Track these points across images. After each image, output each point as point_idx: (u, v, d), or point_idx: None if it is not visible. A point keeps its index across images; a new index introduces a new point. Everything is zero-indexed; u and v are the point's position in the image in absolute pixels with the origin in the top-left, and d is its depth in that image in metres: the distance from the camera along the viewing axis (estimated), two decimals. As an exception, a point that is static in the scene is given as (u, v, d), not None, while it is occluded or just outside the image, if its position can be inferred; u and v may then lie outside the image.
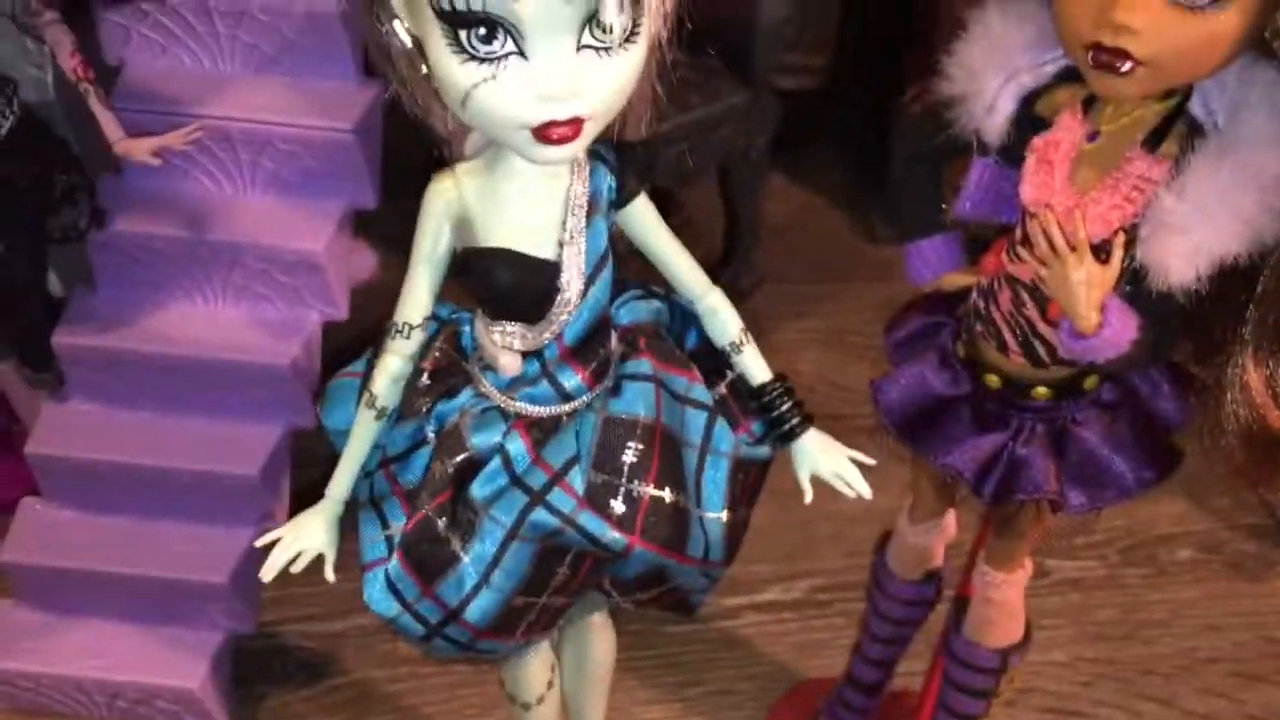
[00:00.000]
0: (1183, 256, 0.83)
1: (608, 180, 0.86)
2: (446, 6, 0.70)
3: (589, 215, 0.85)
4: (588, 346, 0.90)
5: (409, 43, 0.76)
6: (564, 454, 0.89)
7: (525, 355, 0.89)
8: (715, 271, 1.07)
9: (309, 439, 1.32)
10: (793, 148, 2.13)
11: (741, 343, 0.94)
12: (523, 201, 0.83)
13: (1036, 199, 0.91)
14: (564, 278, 0.85)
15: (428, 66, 0.76)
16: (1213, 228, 0.82)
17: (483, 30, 0.70)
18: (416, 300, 0.88)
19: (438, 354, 0.92)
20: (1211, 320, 0.89)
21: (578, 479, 0.88)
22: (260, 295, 1.36)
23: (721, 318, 0.94)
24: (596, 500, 0.88)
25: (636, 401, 0.90)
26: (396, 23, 0.75)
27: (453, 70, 0.72)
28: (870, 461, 0.95)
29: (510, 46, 0.71)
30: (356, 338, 1.40)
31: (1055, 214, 0.88)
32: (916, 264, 1.06)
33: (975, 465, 1.02)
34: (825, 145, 2.34)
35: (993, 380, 1.01)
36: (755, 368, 0.95)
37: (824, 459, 0.95)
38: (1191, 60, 0.80)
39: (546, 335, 0.88)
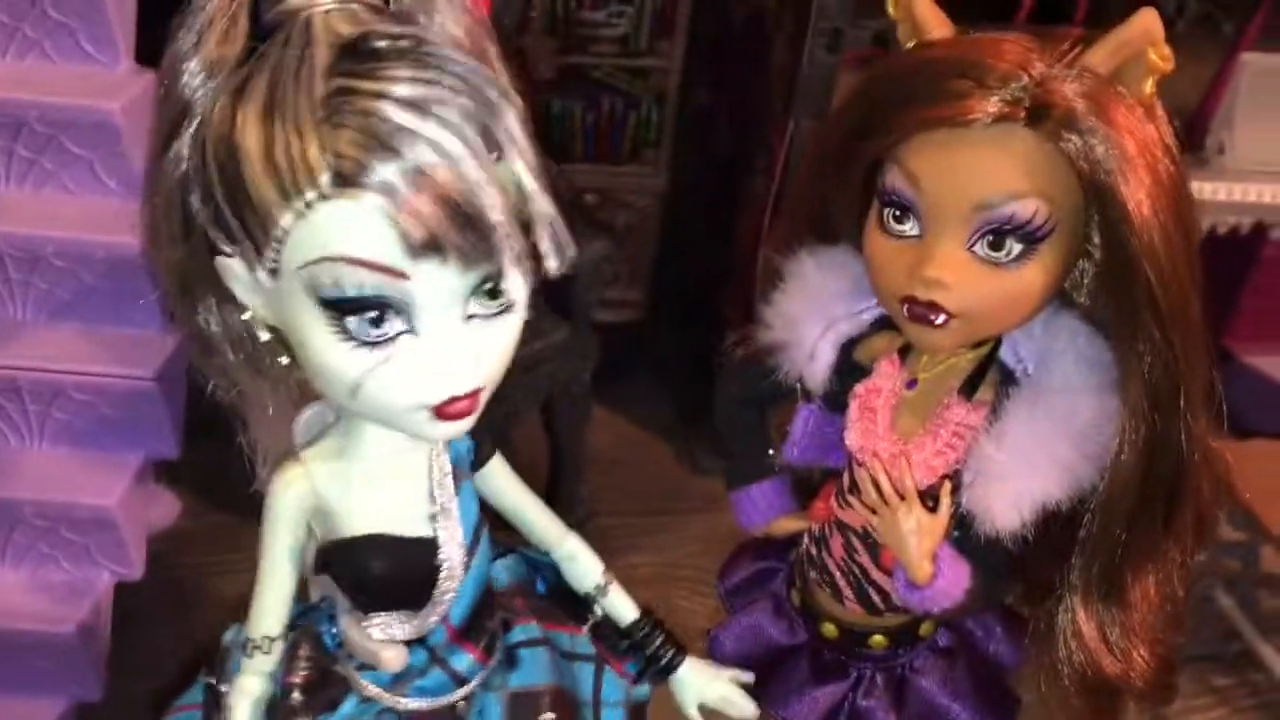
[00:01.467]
0: (1006, 502, 0.84)
1: (465, 444, 0.82)
2: (335, 295, 0.65)
3: (456, 482, 0.80)
4: (477, 621, 0.83)
5: (264, 335, 0.71)
6: None
7: (409, 644, 0.82)
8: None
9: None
10: (613, 380, 2.14)
11: (606, 584, 0.92)
12: (385, 481, 0.78)
13: (862, 446, 0.92)
14: (443, 553, 0.79)
15: (292, 358, 0.71)
16: (1033, 474, 0.83)
17: (374, 313, 0.66)
18: (274, 610, 0.79)
19: (304, 665, 0.82)
20: (1039, 562, 0.89)
21: None
22: (45, 555, 1.25)
23: (582, 562, 0.92)
24: None
25: (536, 670, 0.86)
26: (247, 315, 0.71)
27: (338, 360, 0.67)
28: (749, 677, 0.95)
29: (400, 325, 0.66)
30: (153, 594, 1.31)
31: (882, 462, 0.88)
32: (746, 510, 1.04)
33: (816, 718, 0.99)
34: (644, 376, 2.37)
35: (829, 629, 0.99)
36: (623, 607, 0.93)
37: (708, 687, 0.94)
38: (1001, 312, 0.83)
39: (433, 619, 0.81)
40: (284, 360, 0.73)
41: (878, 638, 0.98)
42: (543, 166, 0.69)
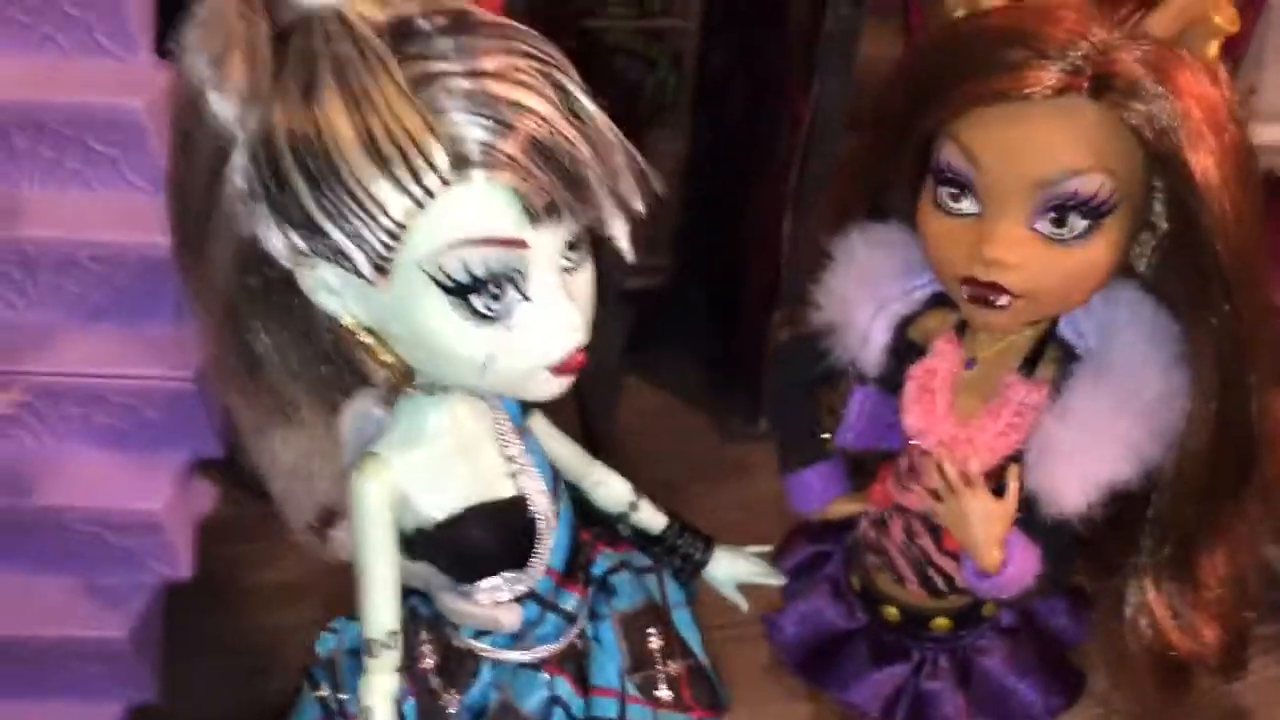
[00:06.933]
0: (1073, 483, 0.82)
1: (513, 402, 0.83)
2: (463, 279, 0.66)
3: (520, 436, 0.82)
4: (575, 562, 0.87)
5: (365, 338, 0.72)
6: (606, 675, 0.88)
7: (518, 600, 0.84)
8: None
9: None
10: (641, 348, 2.13)
11: (636, 500, 0.97)
12: (463, 454, 0.79)
13: (920, 429, 0.90)
14: (533, 506, 0.82)
15: (388, 358, 0.72)
16: (1099, 453, 0.81)
17: (495, 289, 0.67)
18: (389, 604, 0.78)
19: (428, 649, 0.86)
20: (1105, 540, 0.88)
21: (630, 687, 0.88)
22: (93, 560, 1.25)
23: (612, 484, 0.96)
24: (647, 696, 0.88)
25: (631, 593, 0.91)
26: (347, 321, 0.71)
27: (468, 342, 0.68)
28: (767, 548, 1.04)
29: (515, 294, 0.68)
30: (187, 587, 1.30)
31: (945, 447, 0.87)
32: (800, 494, 1.02)
33: (880, 701, 0.99)
34: (672, 342, 2.34)
35: (891, 613, 0.98)
36: (653, 519, 0.98)
37: (739, 568, 1.01)
38: (1066, 290, 0.81)
39: (538, 570, 0.84)
40: (385, 357, 0.73)
41: (941, 620, 0.97)
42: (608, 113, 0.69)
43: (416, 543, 0.79)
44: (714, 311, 2.35)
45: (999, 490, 0.84)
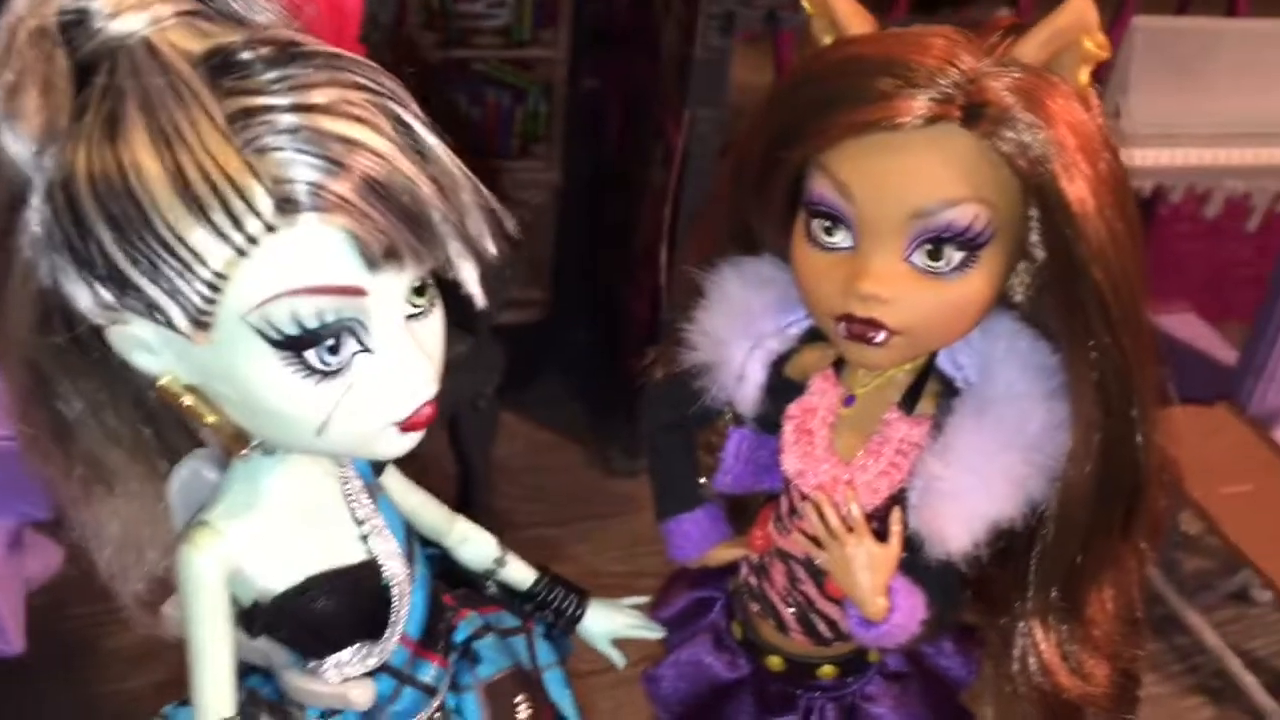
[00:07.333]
0: (958, 522, 0.79)
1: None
2: (292, 331, 0.60)
3: (372, 497, 0.76)
4: (434, 629, 0.81)
5: (187, 399, 0.65)
6: None
7: (370, 674, 0.77)
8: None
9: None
10: (519, 385, 2.07)
11: (502, 556, 0.91)
12: (307, 519, 0.72)
13: (799, 470, 0.86)
14: (386, 571, 0.75)
15: (214, 419, 0.66)
16: (984, 492, 0.78)
17: (332, 340, 0.61)
18: (223, 687, 0.71)
19: None
20: (992, 578, 0.85)
21: None
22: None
23: (476, 540, 0.90)
24: None
25: (497, 659, 0.85)
26: (164, 381, 0.64)
27: (301, 400, 0.62)
28: (644, 599, 1.01)
29: (355, 345, 0.62)
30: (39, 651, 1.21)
31: (825, 491, 0.83)
32: (678, 543, 0.98)
33: (766, 755, 0.94)
34: (551, 377, 2.30)
35: (775, 662, 0.94)
36: (522, 574, 0.93)
37: (615, 621, 0.96)
38: (945, 325, 0.78)
39: (393, 641, 0.77)
40: (210, 419, 0.66)
41: (826, 668, 0.93)
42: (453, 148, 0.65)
43: (255, 617, 0.72)
44: (594, 345, 2.32)
45: (882, 533, 0.81)
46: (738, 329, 0.87)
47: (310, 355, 0.61)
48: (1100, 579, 0.83)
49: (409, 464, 0.84)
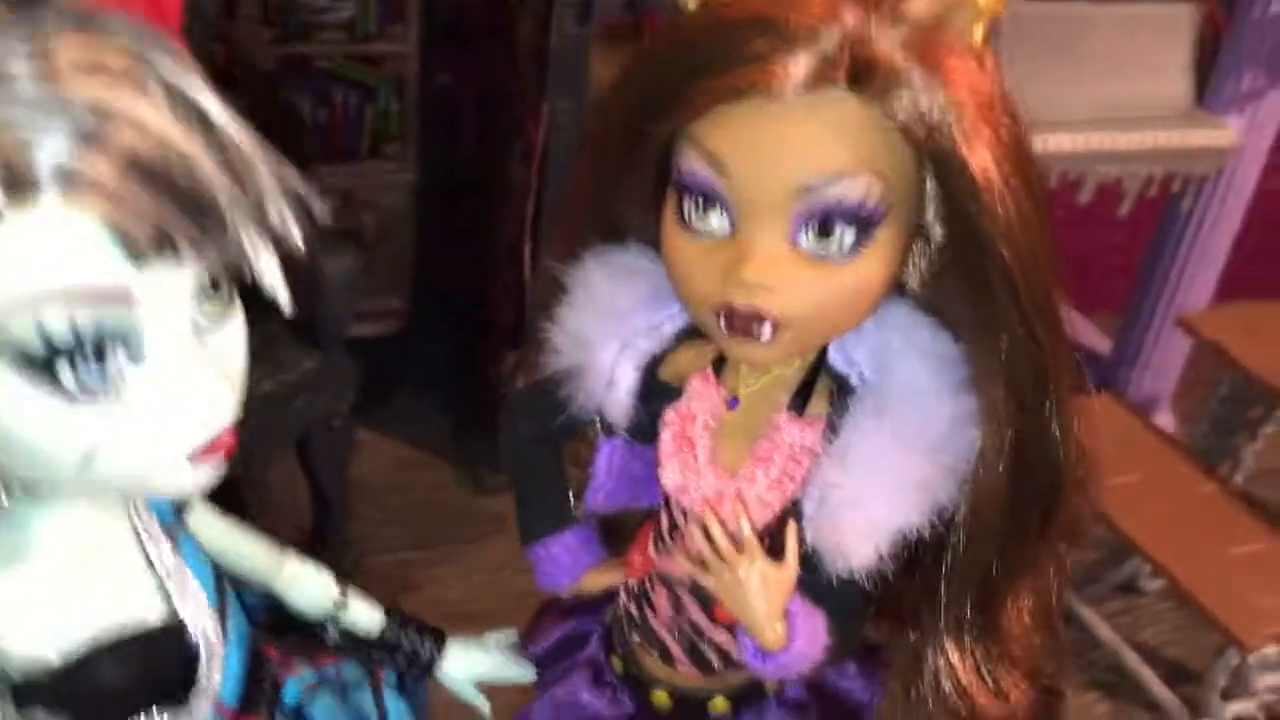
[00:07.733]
0: (858, 534, 0.71)
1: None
2: (38, 348, 0.49)
3: (173, 540, 0.66)
4: (254, 691, 0.71)
5: None
6: None
7: None
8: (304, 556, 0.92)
9: None
10: (377, 399, 1.95)
11: (342, 597, 0.83)
12: (87, 573, 0.61)
13: (681, 484, 0.77)
14: (192, 629, 0.65)
15: None
16: (885, 498, 0.71)
17: (89, 357, 0.50)
18: None
19: None
20: (899, 592, 0.77)
21: None
22: None
23: (310, 581, 0.82)
24: None
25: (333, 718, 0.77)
26: None
27: (55, 430, 0.52)
28: (513, 634, 0.93)
29: (124, 360, 0.52)
30: None
31: (709, 505, 0.74)
32: (547, 570, 0.89)
33: (655, 801, 0.85)
34: (412, 391, 2.17)
35: (661, 698, 0.86)
36: (367, 616, 0.85)
37: (478, 663, 0.89)
38: (836, 315, 0.70)
39: (205, 709, 0.66)
40: None
41: (719, 701, 0.85)
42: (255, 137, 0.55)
43: (25, 694, 0.60)
44: (456, 355, 2.20)
45: (776, 551, 0.72)
46: (605, 328, 0.78)
47: (63, 375, 0.50)
48: (1017, 587, 0.76)
49: (249, 492, 0.73)
